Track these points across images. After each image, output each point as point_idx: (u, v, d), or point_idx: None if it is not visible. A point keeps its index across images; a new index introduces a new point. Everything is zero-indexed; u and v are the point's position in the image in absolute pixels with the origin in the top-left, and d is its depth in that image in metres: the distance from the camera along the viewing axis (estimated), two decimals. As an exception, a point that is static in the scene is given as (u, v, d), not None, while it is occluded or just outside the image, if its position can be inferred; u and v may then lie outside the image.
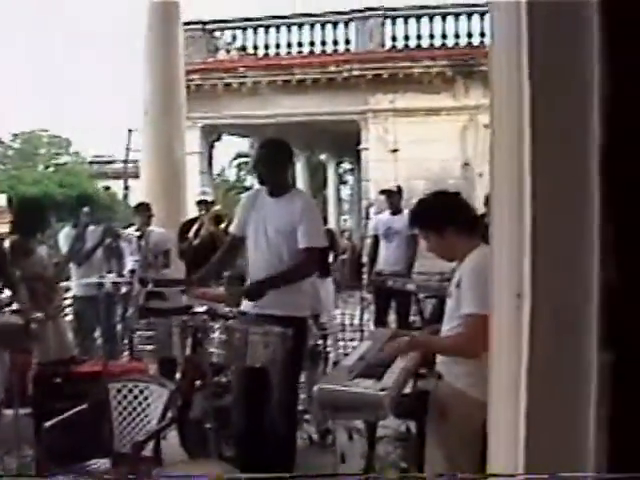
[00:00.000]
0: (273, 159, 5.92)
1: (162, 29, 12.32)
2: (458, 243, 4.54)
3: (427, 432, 4.60)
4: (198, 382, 6.27)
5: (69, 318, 9.97)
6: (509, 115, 2.09)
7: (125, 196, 27.77)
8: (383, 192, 10.93)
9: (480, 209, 7.98)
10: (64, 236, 9.41)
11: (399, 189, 10.78)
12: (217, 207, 10.37)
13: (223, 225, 9.28)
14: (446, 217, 4.58)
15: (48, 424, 5.22)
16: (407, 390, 4.96)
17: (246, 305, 5.88)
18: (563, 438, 1.96)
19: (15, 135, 56.86)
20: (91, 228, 9.29)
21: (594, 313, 1.94)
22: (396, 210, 10.37)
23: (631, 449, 1.95)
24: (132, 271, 9.61)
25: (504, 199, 2.11)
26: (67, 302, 10.01)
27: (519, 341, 1.98)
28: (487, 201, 8.42)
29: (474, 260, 4.37)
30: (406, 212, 9.82)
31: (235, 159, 49.02)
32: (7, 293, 7.13)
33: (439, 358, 4.68)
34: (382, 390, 3.84)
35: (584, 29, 1.96)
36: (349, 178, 39.97)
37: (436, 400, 4.51)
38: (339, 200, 35.77)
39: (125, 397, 5.47)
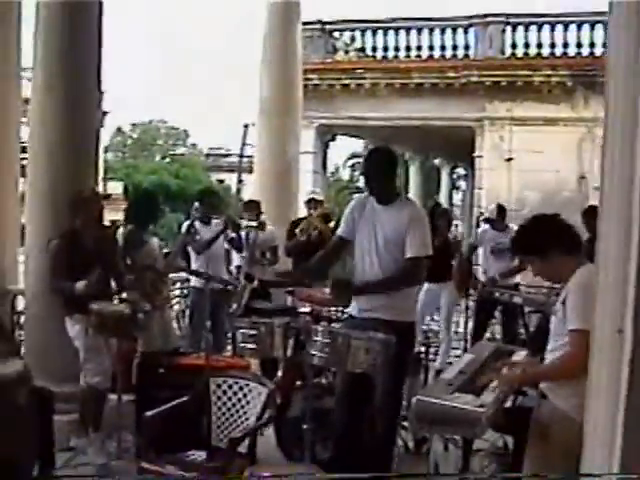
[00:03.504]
0: (381, 169, 5.94)
1: (282, 28, 12.40)
2: (563, 265, 4.50)
3: (527, 450, 4.51)
4: (298, 383, 6.31)
5: (178, 307, 10.16)
6: (623, 130, 2.03)
7: (238, 190, 28.15)
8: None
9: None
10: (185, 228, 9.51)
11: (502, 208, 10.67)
12: (326, 206, 10.39)
13: (332, 224, 9.28)
14: (548, 241, 4.54)
15: (150, 413, 5.32)
16: (507, 404, 4.90)
17: (353, 308, 5.91)
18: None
19: (134, 125, 58.21)
20: (214, 221, 9.36)
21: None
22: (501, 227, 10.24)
23: None
24: (238, 267, 9.72)
25: (612, 225, 2.05)
26: (182, 292, 10.20)
27: (618, 376, 1.92)
28: (584, 214, 8.25)
29: (579, 278, 4.31)
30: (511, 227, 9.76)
31: (349, 159, 49.15)
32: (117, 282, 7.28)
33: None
34: (481, 407, 3.79)
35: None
36: (462, 184, 39.64)
37: (538, 419, 4.43)
38: (451, 205, 35.52)
39: (225, 392, 5.55)
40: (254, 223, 9.60)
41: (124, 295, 7.13)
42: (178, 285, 10.19)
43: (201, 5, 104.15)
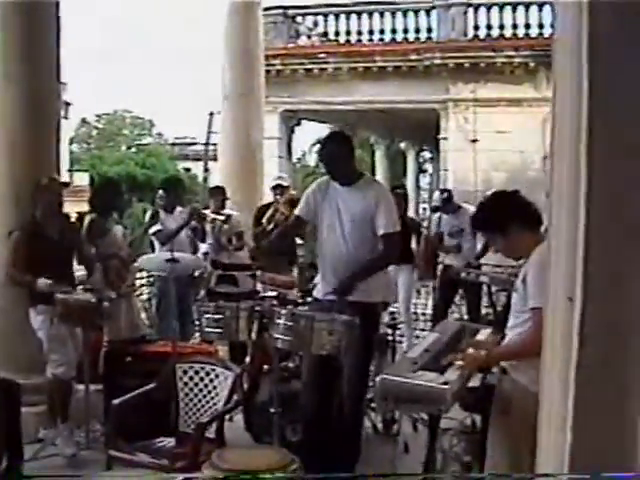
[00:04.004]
0: (336, 153, 5.99)
1: (243, 14, 12.33)
2: (522, 241, 4.53)
3: (490, 426, 4.56)
4: (266, 367, 6.33)
5: (150, 295, 10.13)
6: (571, 112, 2.05)
7: (205, 179, 28.11)
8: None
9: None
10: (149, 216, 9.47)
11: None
12: (292, 192, 10.38)
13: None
14: (507, 216, 4.57)
15: (117, 401, 5.32)
16: (475, 384, 4.93)
17: (317, 291, 5.94)
18: (608, 438, 1.93)
19: (99, 116, 57.83)
20: (178, 209, 9.36)
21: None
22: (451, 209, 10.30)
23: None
24: (205, 253, 9.71)
25: (563, 197, 2.08)
26: (144, 281, 10.17)
27: (570, 343, 1.95)
28: (548, 195, 8.31)
29: (539, 254, 4.32)
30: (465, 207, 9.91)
31: (315, 145, 49.08)
32: (82, 271, 7.25)
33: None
34: (445, 384, 3.81)
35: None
36: (428, 167, 39.72)
37: (500, 395, 4.47)
38: (418, 189, 35.59)
39: (191, 378, 5.55)
40: (220, 217, 9.63)
41: (88, 285, 7.10)
42: (144, 274, 10.14)
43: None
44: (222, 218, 9.66)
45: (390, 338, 7.74)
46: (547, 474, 2.11)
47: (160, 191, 9.14)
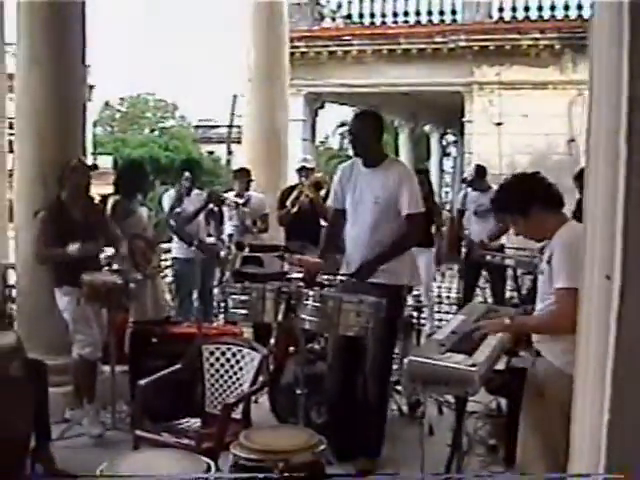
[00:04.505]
0: (365, 131, 5.98)
1: (268, -4, 12.30)
2: (544, 222, 4.49)
3: (523, 410, 4.52)
4: (291, 349, 6.32)
5: (169, 279, 10.15)
6: (608, 91, 2.02)
7: (228, 161, 28.13)
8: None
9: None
10: (167, 198, 9.49)
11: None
12: (318, 174, 10.36)
13: (323, 192, 9.27)
14: (527, 198, 4.52)
15: (143, 382, 5.33)
16: (501, 367, 4.91)
17: (344, 272, 5.93)
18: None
19: (122, 99, 57.92)
20: (196, 192, 9.37)
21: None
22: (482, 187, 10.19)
23: None
24: (230, 235, 9.72)
25: (600, 178, 2.04)
26: (167, 263, 10.20)
27: (607, 323, 1.92)
28: (577, 177, 8.26)
29: (563, 236, 4.30)
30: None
31: (339, 127, 48.97)
32: (108, 252, 7.27)
33: (536, 336, 4.61)
34: (473, 366, 3.79)
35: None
36: (452, 150, 39.55)
37: (533, 378, 4.43)
38: (442, 172, 35.48)
39: (217, 359, 5.55)
40: (240, 200, 9.64)
41: (115, 266, 7.12)
42: (168, 255, 10.17)
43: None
44: (242, 201, 9.67)
45: (415, 321, 7.74)
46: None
47: (187, 173, 9.15)
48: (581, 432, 2.24)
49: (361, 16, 23.73)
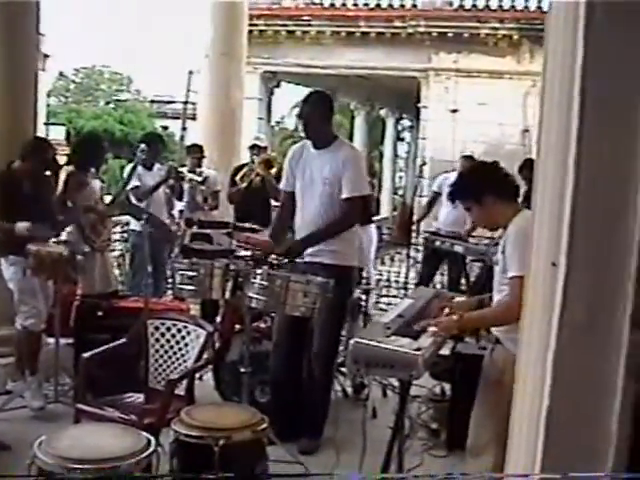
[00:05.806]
0: (315, 113, 5.99)
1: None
2: (499, 211, 4.50)
3: (479, 395, 4.51)
4: (238, 327, 6.31)
5: (123, 250, 10.08)
6: (561, 84, 2.04)
7: (182, 137, 27.92)
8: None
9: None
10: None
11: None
12: (269, 153, 10.34)
13: (274, 170, 9.25)
14: (483, 186, 4.54)
15: (87, 355, 5.29)
16: (446, 352, 4.94)
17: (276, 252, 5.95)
18: (586, 402, 1.93)
19: (77, 70, 57.16)
20: (157, 166, 9.28)
21: (629, 293, 1.90)
22: None
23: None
24: (180, 211, 9.67)
25: (549, 168, 2.07)
26: (122, 236, 10.12)
27: (551, 308, 1.95)
28: (520, 169, 8.38)
29: (516, 224, 4.32)
30: None
31: (295, 108, 48.83)
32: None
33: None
34: (418, 350, 3.80)
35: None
36: (407, 135, 39.61)
37: (492, 364, 4.44)
38: (395, 156, 35.52)
39: (163, 335, 5.52)
40: (198, 177, 9.60)
41: (63, 237, 7.04)
42: (119, 229, 10.08)
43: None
44: (199, 179, 9.63)
45: (363, 303, 7.76)
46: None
47: (142, 145, 9.07)
48: (520, 417, 2.26)
49: (322, -4, 23.66)
